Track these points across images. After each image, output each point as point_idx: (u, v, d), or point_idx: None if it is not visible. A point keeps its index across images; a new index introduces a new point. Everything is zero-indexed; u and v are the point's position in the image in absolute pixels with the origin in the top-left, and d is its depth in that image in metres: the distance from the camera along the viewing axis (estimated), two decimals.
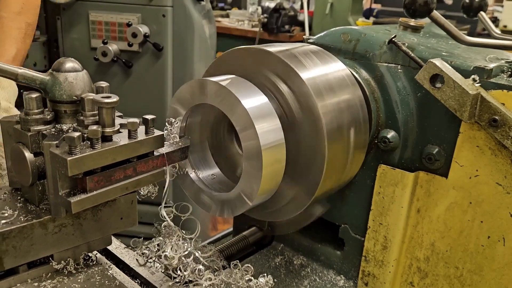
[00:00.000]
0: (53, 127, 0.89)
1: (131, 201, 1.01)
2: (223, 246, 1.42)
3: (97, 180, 0.83)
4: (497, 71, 1.05)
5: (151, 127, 0.90)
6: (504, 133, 0.96)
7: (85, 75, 0.92)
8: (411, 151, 1.15)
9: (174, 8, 2.58)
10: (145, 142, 0.89)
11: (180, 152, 1.02)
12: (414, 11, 1.13)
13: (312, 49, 1.17)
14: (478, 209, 1.06)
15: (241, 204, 1.03)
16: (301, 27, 5.54)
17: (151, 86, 2.69)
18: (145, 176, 0.92)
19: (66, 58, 0.92)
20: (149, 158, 0.92)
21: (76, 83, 0.90)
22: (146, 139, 0.89)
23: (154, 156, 0.94)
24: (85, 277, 0.96)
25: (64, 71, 0.89)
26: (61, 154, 0.79)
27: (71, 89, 0.89)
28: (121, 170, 0.87)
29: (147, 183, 0.93)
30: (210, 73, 1.16)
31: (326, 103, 1.03)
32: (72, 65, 0.91)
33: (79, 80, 0.90)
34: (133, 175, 0.90)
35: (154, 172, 0.94)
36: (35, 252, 0.90)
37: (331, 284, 1.33)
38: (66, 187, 0.83)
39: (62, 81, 0.89)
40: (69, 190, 0.84)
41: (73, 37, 2.69)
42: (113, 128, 0.85)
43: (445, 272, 1.14)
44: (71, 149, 0.78)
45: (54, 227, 0.91)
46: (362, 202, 1.25)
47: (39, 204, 0.92)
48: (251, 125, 0.95)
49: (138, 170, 0.91)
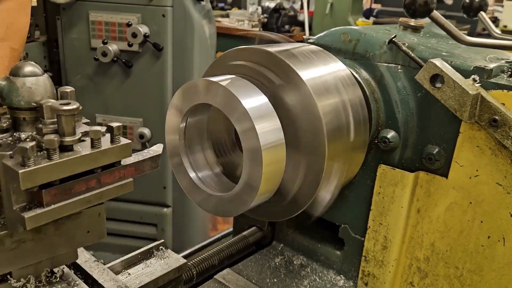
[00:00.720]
0: (11, 136, 0.83)
1: (98, 213, 0.93)
2: (223, 246, 1.42)
3: (54, 194, 0.77)
4: (497, 71, 1.05)
5: (117, 135, 0.84)
6: (504, 133, 0.96)
7: (46, 80, 0.86)
8: (411, 151, 1.15)
9: (174, 8, 2.58)
10: (110, 151, 0.82)
11: (151, 161, 0.94)
12: (414, 11, 1.13)
13: (312, 49, 1.17)
14: (478, 209, 1.06)
15: (241, 204, 1.03)
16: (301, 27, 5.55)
17: (151, 86, 2.69)
18: (110, 188, 0.85)
19: (25, 62, 0.86)
20: (115, 169, 0.86)
21: (36, 88, 0.83)
22: (111, 148, 0.82)
23: (120, 166, 0.87)
24: None
25: (23, 76, 0.83)
26: (13, 166, 0.72)
27: (30, 95, 0.83)
28: (82, 182, 0.81)
29: (113, 195, 0.86)
30: (210, 73, 1.16)
31: (326, 103, 1.03)
32: (31, 69, 0.84)
33: (39, 85, 0.84)
34: (96, 187, 0.83)
35: (120, 183, 0.87)
36: None
37: (331, 284, 1.33)
38: (21, 201, 0.76)
39: (19, 86, 0.82)
40: (25, 204, 0.77)
41: (73, 37, 2.69)
42: (73, 137, 0.78)
43: (445, 272, 1.14)
44: (24, 160, 0.72)
45: (12, 243, 0.83)
46: (362, 202, 1.25)
47: None
48: (251, 125, 0.95)
49: (102, 181, 0.84)
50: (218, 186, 1.16)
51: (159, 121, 2.71)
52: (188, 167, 1.15)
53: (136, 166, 0.90)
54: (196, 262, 1.33)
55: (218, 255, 1.39)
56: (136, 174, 0.90)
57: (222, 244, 1.44)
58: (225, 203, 1.07)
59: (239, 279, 1.35)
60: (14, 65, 0.85)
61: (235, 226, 1.59)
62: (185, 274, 1.25)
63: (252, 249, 1.50)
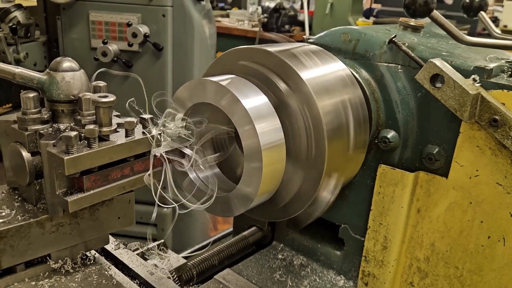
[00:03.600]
0: (51, 127, 0.89)
1: (129, 200, 1.01)
2: (223, 246, 1.42)
3: (94, 180, 0.84)
4: (497, 71, 1.05)
5: (148, 126, 0.91)
6: (504, 133, 0.96)
7: (83, 75, 0.92)
8: (411, 151, 1.15)
9: (174, 8, 2.58)
10: (142, 141, 0.89)
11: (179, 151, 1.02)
12: (414, 11, 1.13)
13: (312, 49, 1.17)
14: (478, 209, 1.06)
15: (241, 204, 1.03)
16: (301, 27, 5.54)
17: (151, 86, 2.69)
18: (142, 175, 0.92)
19: (64, 58, 0.92)
20: (147, 158, 0.92)
21: (74, 82, 0.90)
22: (143, 138, 0.89)
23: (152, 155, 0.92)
24: (82, 276, 0.96)
25: (62, 71, 0.89)
26: (58, 153, 0.79)
27: (68, 89, 0.89)
28: (118, 170, 0.87)
29: (144, 182, 0.93)
30: (210, 73, 1.16)
31: (326, 103, 1.03)
32: (69, 64, 0.91)
33: (76, 79, 0.90)
34: (130, 174, 0.90)
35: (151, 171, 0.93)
36: (32, 251, 0.90)
37: (331, 284, 1.33)
38: (63, 187, 0.83)
39: (59, 80, 0.89)
40: (66, 190, 0.84)
41: (73, 37, 2.69)
42: (110, 127, 0.85)
43: (445, 272, 1.14)
44: (68, 148, 0.78)
45: (52, 227, 0.91)
46: (362, 202, 1.25)
47: (36, 203, 0.92)
48: (251, 125, 0.95)
49: (135, 169, 0.91)
50: (218, 186, 1.15)
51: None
52: (188, 167, 1.15)
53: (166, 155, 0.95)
54: (196, 262, 1.33)
55: (218, 255, 1.39)
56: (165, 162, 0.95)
57: (222, 244, 1.44)
58: (225, 203, 1.07)
59: (239, 279, 1.35)
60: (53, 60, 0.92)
61: (235, 226, 1.59)
62: (185, 274, 1.25)
63: (252, 249, 1.50)
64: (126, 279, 0.98)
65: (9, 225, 0.86)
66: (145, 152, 0.91)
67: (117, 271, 1.00)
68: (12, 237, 0.86)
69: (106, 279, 0.96)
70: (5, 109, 3.06)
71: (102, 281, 0.95)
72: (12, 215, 0.89)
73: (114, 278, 0.96)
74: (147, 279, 1.00)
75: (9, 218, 0.88)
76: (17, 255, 0.88)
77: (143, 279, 1.01)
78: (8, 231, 0.85)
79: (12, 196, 0.96)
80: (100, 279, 0.95)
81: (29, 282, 0.92)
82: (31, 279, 0.93)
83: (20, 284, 0.91)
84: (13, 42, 2.51)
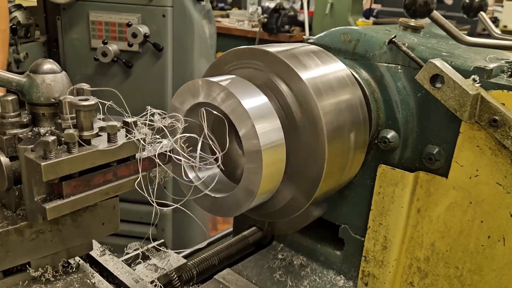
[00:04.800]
0: (30, 131, 0.86)
1: (113, 206, 0.97)
2: (223, 246, 1.42)
3: (74, 185, 0.80)
4: (497, 71, 1.05)
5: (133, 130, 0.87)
6: (504, 133, 0.96)
7: (64, 77, 0.89)
8: (411, 151, 1.15)
9: (174, 8, 2.58)
10: (126, 145, 0.86)
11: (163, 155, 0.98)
12: (414, 11, 1.13)
13: (312, 49, 1.17)
14: (478, 209, 1.06)
15: (241, 204, 1.03)
16: (301, 27, 5.54)
17: (151, 86, 2.69)
18: (126, 181, 0.89)
19: (44, 60, 0.89)
20: (131, 162, 0.89)
21: (54, 85, 0.87)
22: (126, 143, 0.86)
23: (135, 160, 0.90)
24: (63, 284, 0.92)
25: (42, 73, 0.86)
26: (35, 158, 0.76)
27: (49, 91, 0.86)
28: (100, 175, 0.84)
29: (129, 187, 0.90)
30: (210, 74, 1.16)
31: (326, 103, 1.03)
32: (50, 66, 0.88)
33: (57, 82, 0.87)
34: (113, 179, 0.86)
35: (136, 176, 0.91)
36: (11, 259, 0.86)
37: (331, 284, 1.33)
38: (42, 193, 0.80)
39: (39, 83, 0.86)
40: (45, 196, 0.80)
41: (73, 37, 2.69)
42: (91, 131, 0.82)
43: (445, 272, 1.14)
44: (46, 153, 0.75)
45: (31, 234, 0.87)
46: (362, 202, 1.25)
47: (16, 209, 0.88)
48: (251, 125, 0.95)
49: (118, 174, 0.87)
50: (218, 186, 1.15)
51: None
52: (188, 167, 1.15)
53: (150, 160, 0.93)
54: (196, 262, 1.33)
55: (218, 255, 1.39)
56: (149, 168, 0.94)
57: (222, 244, 1.44)
58: (225, 203, 1.07)
59: (239, 279, 1.35)
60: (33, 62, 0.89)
61: (235, 226, 1.59)
62: (185, 274, 1.25)
63: (252, 249, 1.50)
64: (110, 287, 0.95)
65: None
66: (129, 157, 0.88)
67: (101, 279, 0.97)
68: None
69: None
70: None
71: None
72: None
73: (96, 287, 0.93)
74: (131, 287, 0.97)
75: None
76: None
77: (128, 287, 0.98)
78: None
79: None
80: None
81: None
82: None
83: None
84: (13, 42, 2.51)
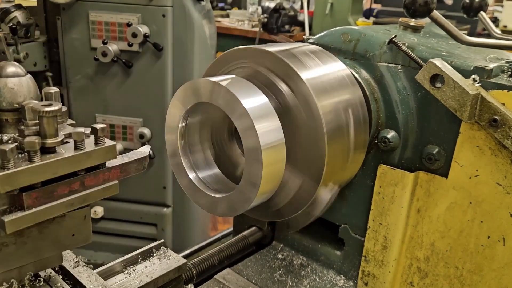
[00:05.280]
0: None
1: (84, 216, 0.91)
2: (223, 246, 1.42)
3: (35, 197, 0.75)
4: (497, 71, 1.05)
5: (101, 137, 0.82)
6: (504, 133, 0.96)
7: (30, 81, 0.84)
8: (411, 151, 1.15)
9: (174, 8, 2.58)
10: (94, 153, 0.81)
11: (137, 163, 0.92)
12: (414, 11, 1.13)
13: (312, 49, 1.17)
14: (478, 209, 1.06)
15: (241, 204, 1.03)
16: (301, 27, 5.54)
17: (151, 86, 2.69)
18: (95, 191, 0.84)
19: (8, 62, 0.84)
20: (100, 171, 0.84)
21: (18, 89, 0.81)
22: (95, 150, 0.81)
23: (105, 169, 0.85)
24: None
25: (5, 76, 0.81)
26: None
27: (12, 96, 0.81)
28: (65, 185, 0.79)
29: (97, 198, 0.85)
30: (210, 73, 1.16)
31: (326, 103, 1.03)
32: (14, 69, 0.83)
33: (22, 86, 0.82)
34: (80, 189, 0.82)
35: (105, 185, 0.86)
36: None
37: (331, 284, 1.33)
38: (2, 204, 0.75)
39: (2, 87, 0.81)
40: (6, 207, 0.75)
41: (73, 37, 2.69)
42: (55, 139, 0.77)
43: (445, 272, 1.14)
44: (3, 163, 0.71)
45: None
46: (362, 202, 1.25)
47: None
48: (251, 125, 0.95)
49: (86, 184, 0.82)
50: (218, 186, 1.15)
51: (159, 121, 2.71)
52: (188, 167, 1.15)
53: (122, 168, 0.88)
54: (196, 262, 1.33)
55: (218, 255, 1.39)
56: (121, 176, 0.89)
57: (222, 244, 1.43)
58: (225, 203, 1.07)
59: (239, 279, 1.35)
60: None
61: (235, 226, 1.59)
62: (185, 274, 1.25)
63: (252, 249, 1.50)
64: None
65: None
66: (99, 165, 0.84)
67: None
68: None
69: None
70: None
71: None
72: None
73: None
74: None
75: None
76: None
77: None
78: None
79: None
80: None
81: None
82: None
83: None
84: (13, 42, 2.51)
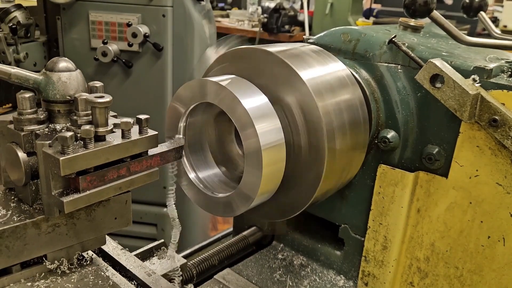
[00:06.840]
0: (47, 127, 0.89)
1: (125, 201, 1.01)
2: (223, 246, 1.42)
3: (90, 180, 0.83)
4: (497, 71, 1.05)
5: (145, 127, 0.90)
6: (504, 133, 0.96)
7: (79, 75, 0.92)
8: (411, 151, 1.15)
9: (174, 8, 2.58)
10: (139, 142, 0.89)
11: (175, 152, 1.01)
12: (414, 11, 1.13)
13: (312, 49, 1.17)
14: (478, 209, 1.06)
15: (241, 204, 1.03)
16: (301, 27, 5.54)
17: (151, 86, 2.69)
18: (139, 176, 0.92)
19: (60, 58, 0.91)
20: (143, 158, 0.92)
21: (70, 82, 0.90)
22: (139, 139, 0.89)
23: (148, 156, 0.93)
24: (78, 277, 0.95)
25: (58, 71, 0.89)
26: (53, 153, 0.79)
27: (65, 89, 0.89)
28: (114, 170, 0.87)
29: (140, 183, 0.93)
30: (210, 73, 1.16)
31: (326, 103, 1.03)
32: (65, 64, 0.91)
33: (72, 79, 0.90)
34: (126, 175, 0.89)
35: (148, 172, 0.94)
36: (28, 252, 0.89)
37: (331, 284, 1.33)
38: (59, 187, 0.83)
39: (55, 80, 0.89)
40: (62, 190, 0.83)
41: (73, 37, 2.69)
42: (106, 128, 0.85)
43: (445, 272, 1.14)
44: (63, 149, 0.78)
45: (48, 227, 0.90)
46: (362, 202, 1.25)
47: (32, 204, 0.91)
48: (251, 125, 0.95)
49: (131, 170, 0.90)
50: (217, 186, 1.15)
51: (159, 120, 2.70)
52: (188, 167, 1.15)
53: (162, 156, 0.97)
54: (196, 262, 1.33)
55: (218, 255, 1.39)
56: (161, 163, 0.97)
57: (222, 244, 1.44)
58: (225, 203, 1.07)
59: (239, 279, 1.35)
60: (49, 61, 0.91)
61: (235, 226, 1.59)
62: (185, 274, 1.25)
63: (252, 249, 1.50)
64: (123, 280, 0.98)
65: (4, 226, 0.85)
66: (141, 153, 0.91)
67: (115, 272, 1.00)
68: (7, 237, 0.85)
69: (103, 280, 0.95)
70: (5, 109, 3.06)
71: (98, 281, 0.95)
72: (8, 215, 0.88)
73: (110, 279, 0.96)
74: (144, 281, 1.00)
75: (5, 218, 0.87)
76: (12, 256, 0.87)
77: (141, 281, 1.00)
78: (4, 231, 0.85)
79: (8, 197, 0.95)
80: (96, 280, 0.95)
81: (25, 283, 0.91)
82: (27, 280, 0.92)
83: (16, 285, 0.91)
84: (13, 42, 2.51)
